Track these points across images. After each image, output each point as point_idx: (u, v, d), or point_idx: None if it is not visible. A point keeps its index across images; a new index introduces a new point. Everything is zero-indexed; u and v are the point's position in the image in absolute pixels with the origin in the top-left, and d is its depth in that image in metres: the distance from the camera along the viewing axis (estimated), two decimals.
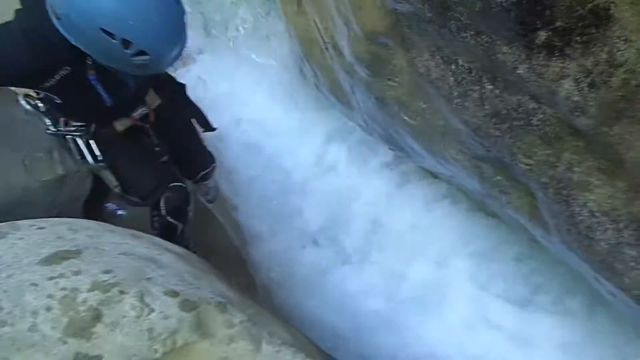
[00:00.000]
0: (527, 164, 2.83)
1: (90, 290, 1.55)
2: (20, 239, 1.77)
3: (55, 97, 2.61)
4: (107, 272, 1.62)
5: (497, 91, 2.70)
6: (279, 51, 4.87)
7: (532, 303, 3.66)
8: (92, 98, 2.53)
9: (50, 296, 1.51)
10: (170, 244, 2.18)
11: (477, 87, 2.77)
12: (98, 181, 3.34)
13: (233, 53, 5.32)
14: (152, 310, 1.55)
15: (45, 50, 2.21)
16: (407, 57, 2.94)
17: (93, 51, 2.15)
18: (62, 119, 3.01)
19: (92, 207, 3.41)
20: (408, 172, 4.31)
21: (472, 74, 2.74)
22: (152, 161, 3.15)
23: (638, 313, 2.89)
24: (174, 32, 2.21)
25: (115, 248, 1.81)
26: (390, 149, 4.11)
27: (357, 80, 3.52)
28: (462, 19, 2.39)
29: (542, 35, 2.15)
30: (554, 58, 2.19)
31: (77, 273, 1.59)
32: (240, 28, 5.16)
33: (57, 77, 2.41)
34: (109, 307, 1.50)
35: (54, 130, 3.02)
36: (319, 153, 4.64)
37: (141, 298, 1.56)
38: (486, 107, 2.79)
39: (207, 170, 3.68)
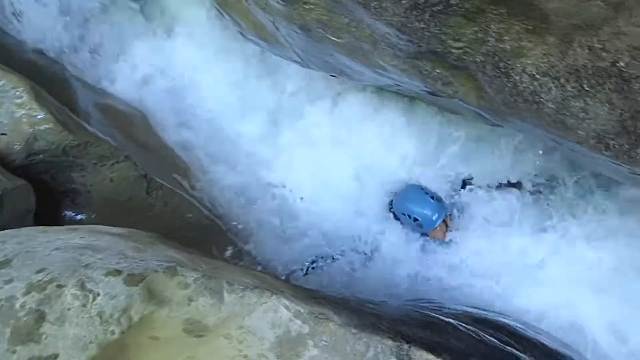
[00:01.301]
0: (458, 48, 2.71)
1: (26, 293, 1.46)
2: None
3: None
4: (40, 271, 1.53)
5: None
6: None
7: None
8: None
9: None
10: (111, 227, 2.08)
11: (391, 1, 2.58)
12: (49, 193, 3.22)
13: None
14: (97, 295, 1.47)
15: None
16: None
17: None
18: None
19: (49, 219, 3.28)
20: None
21: None
22: None
23: (601, 161, 2.84)
24: None
25: (48, 246, 1.71)
26: (331, 76, 3.95)
27: (275, 15, 3.33)
28: None
29: None
30: None
31: (9, 281, 1.50)
32: None
33: None
34: (50, 305, 1.42)
35: None
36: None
37: (82, 286, 1.47)
38: (403, 1, 2.62)
39: None
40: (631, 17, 2.19)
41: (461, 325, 2.30)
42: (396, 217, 4.28)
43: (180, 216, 3.62)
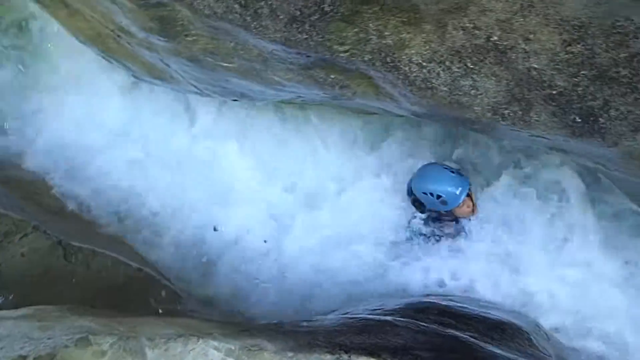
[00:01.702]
0: (345, 51, 2.76)
1: None
2: None
3: None
4: None
5: None
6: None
7: None
8: None
9: None
10: (14, 310, 1.93)
11: (262, 2, 2.61)
12: None
13: None
14: None
15: None
16: (186, 4, 2.70)
17: None
18: None
19: None
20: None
21: None
22: None
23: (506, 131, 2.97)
24: None
25: None
26: (233, 100, 3.92)
27: (161, 52, 3.26)
28: None
29: None
30: None
31: None
32: None
33: None
34: None
35: None
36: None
37: None
38: (280, 16, 2.65)
39: None
40: None
41: (399, 320, 2.32)
42: (415, 203, 4.02)
43: (107, 275, 3.44)
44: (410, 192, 4.03)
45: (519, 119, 2.85)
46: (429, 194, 3.73)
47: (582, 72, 2.53)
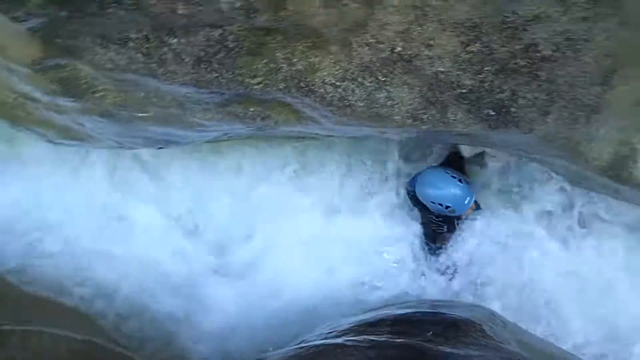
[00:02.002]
0: (258, 83, 2.77)
1: None
2: None
3: None
4: None
5: (182, 40, 2.54)
6: None
7: None
8: None
9: None
10: None
11: (164, 48, 2.57)
12: None
13: None
14: None
15: None
16: (86, 62, 2.63)
17: None
18: None
19: None
20: None
21: (151, 40, 2.55)
22: None
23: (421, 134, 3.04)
24: None
25: None
26: (159, 148, 3.83)
27: (72, 112, 3.14)
28: None
29: None
30: None
31: None
32: None
33: None
34: None
35: None
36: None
37: None
38: (186, 59, 2.63)
39: None
40: (384, 8, 2.39)
41: (350, 340, 2.31)
42: (412, 199, 4.09)
43: (49, 351, 3.22)
44: (410, 191, 4.09)
45: (438, 121, 2.94)
46: (437, 204, 3.78)
47: (486, 69, 2.64)
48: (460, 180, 3.75)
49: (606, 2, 2.29)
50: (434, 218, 4.00)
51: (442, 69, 2.65)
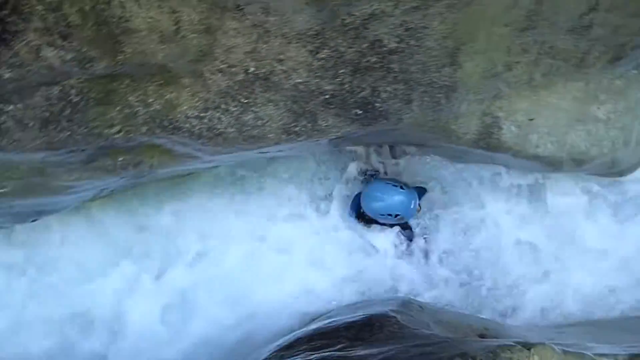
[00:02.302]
0: (118, 131, 2.68)
1: None
2: None
3: None
4: None
5: (18, 105, 2.39)
6: None
7: None
8: None
9: None
10: None
11: (2, 117, 2.39)
12: None
13: None
14: None
15: None
16: None
17: None
18: None
19: None
20: None
21: None
22: None
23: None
24: None
25: None
26: (32, 221, 3.56)
27: None
28: None
29: None
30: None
31: None
32: None
33: None
34: None
35: None
36: None
37: None
38: (30, 124, 2.49)
39: None
40: (225, 33, 2.37)
41: None
42: (362, 219, 4.14)
43: None
44: (355, 210, 4.13)
45: (312, 130, 2.97)
46: (386, 215, 3.86)
47: (341, 72, 2.70)
48: (401, 187, 3.85)
49: None
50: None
51: (299, 80, 2.67)
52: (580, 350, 2.23)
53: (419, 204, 3.93)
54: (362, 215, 4.11)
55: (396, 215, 3.86)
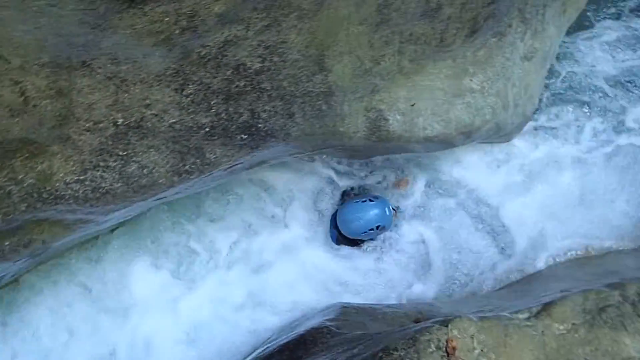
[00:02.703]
0: None
1: None
2: None
3: None
4: None
5: None
6: None
7: None
8: None
9: None
10: None
11: None
12: None
13: None
14: None
15: None
16: None
17: None
18: None
19: None
20: None
21: None
22: None
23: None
24: None
25: None
26: None
27: None
28: None
29: None
30: None
31: None
32: None
33: None
34: None
35: None
36: None
37: None
38: None
39: None
40: (80, 92, 2.31)
41: None
42: (355, 244, 4.14)
43: None
44: (334, 237, 4.15)
45: (203, 165, 2.95)
46: (368, 230, 3.93)
47: (213, 102, 2.71)
48: (371, 199, 3.95)
49: (280, 4, 2.49)
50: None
51: (173, 120, 2.65)
52: (498, 314, 2.34)
53: (393, 208, 4.03)
54: (346, 240, 4.15)
55: (377, 227, 3.94)
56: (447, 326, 2.17)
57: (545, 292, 2.64)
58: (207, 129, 2.79)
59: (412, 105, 3.33)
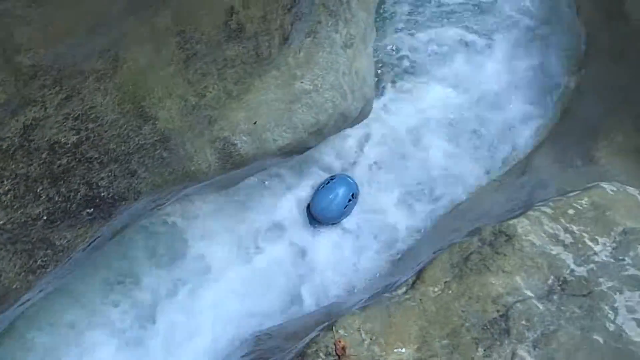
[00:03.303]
0: None
1: None
2: None
3: None
4: None
5: None
6: None
7: None
8: None
9: None
10: None
11: None
12: None
13: None
14: None
15: None
16: None
17: None
18: None
19: None
20: None
21: None
22: None
23: None
24: None
25: None
26: None
27: None
28: None
29: None
30: None
31: None
32: None
33: None
34: None
35: None
36: None
37: None
38: None
39: None
40: None
41: None
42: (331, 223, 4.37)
43: None
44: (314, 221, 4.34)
45: (56, 254, 2.83)
46: (347, 203, 4.23)
47: (40, 189, 2.60)
48: (327, 182, 4.27)
49: (70, 74, 2.41)
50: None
51: (2, 222, 2.50)
52: (379, 297, 2.44)
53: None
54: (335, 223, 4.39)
55: (353, 195, 4.26)
56: (332, 329, 2.23)
57: (421, 258, 2.78)
58: (45, 218, 2.67)
59: (254, 123, 3.38)
